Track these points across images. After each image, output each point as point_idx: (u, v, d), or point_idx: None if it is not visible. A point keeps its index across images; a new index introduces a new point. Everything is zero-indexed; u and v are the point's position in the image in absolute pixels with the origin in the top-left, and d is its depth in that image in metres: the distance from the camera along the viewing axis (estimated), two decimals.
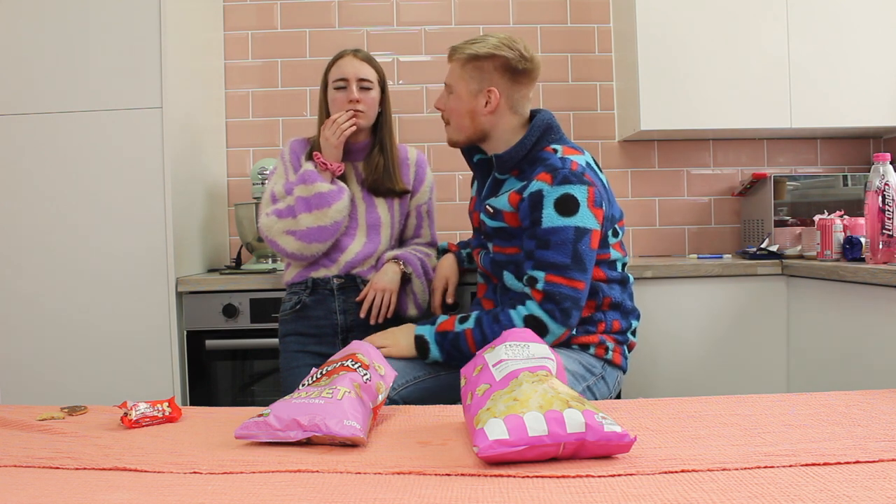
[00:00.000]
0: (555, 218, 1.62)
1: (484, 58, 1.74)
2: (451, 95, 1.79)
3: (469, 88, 1.76)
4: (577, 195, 1.63)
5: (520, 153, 1.73)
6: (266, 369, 2.36)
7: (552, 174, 1.65)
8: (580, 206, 1.63)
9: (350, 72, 1.98)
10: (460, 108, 1.78)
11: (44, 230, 2.24)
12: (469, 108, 1.77)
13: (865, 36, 2.54)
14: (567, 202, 1.63)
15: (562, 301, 1.62)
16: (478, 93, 1.75)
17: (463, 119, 1.79)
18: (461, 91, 1.77)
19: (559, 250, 1.61)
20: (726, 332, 2.31)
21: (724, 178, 2.90)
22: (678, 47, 2.55)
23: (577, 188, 1.63)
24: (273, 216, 1.95)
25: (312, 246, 1.94)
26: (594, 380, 1.71)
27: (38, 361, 2.24)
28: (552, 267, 1.62)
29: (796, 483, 0.94)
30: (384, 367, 1.35)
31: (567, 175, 1.64)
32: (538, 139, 1.73)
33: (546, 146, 1.74)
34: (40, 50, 2.23)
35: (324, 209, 1.92)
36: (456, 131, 1.82)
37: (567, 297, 1.62)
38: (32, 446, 1.22)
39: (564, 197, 1.63)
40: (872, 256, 1.97)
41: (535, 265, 1.64)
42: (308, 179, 1.93)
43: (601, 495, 0.91)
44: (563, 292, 1.61)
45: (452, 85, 1.78)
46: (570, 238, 1.61)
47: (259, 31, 2.87)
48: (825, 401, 1.40)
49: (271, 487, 0.97)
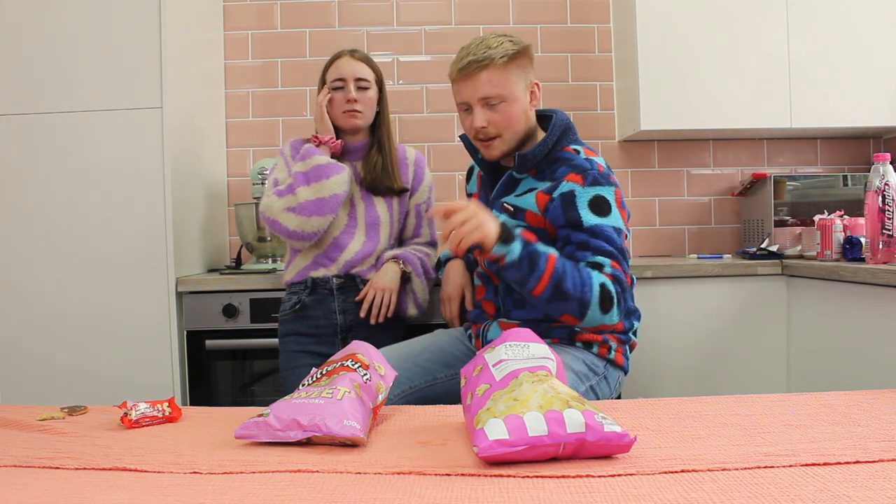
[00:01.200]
0: (593, 217, 1.61)
1: (520, 54, 1.68)
2: (500, 104, 1.67)
3: (519, 89, 1.69)
4: (607, 196, 1.63)
5: (542, 152, 1.71)
6: (266, 369, 2.36)
7: (583, 175, 1.63)
8: (612, 207, 1.63)
9: (347, 72, 1.99)
10: (517, 112, 1.69)
11: (44, 230, 2.24)
12: (523, 109, 1.70)
13: (865, 36, 2.54)
14: (600, 203, 1.62)
15: (626, 288, 1.61)
16: (525, 90, 1.70)
17: (519, 124, 1.71)
18: (516, 93, 1.68)
19: (611, 244, 1.60)
20: (726, 332, 2.31)
21: (724, 178, 2.90)
22: (678, 47, 2.55)
23: (607, 189, 1.63)
24: (273, 196, 1.96)
25: (312, 220, 1.92)
26: (597, 379, 1.71)
27: (38, 361, 2.24)
28: (611, 255, 1.59)
29: (796, 483, 0.94)
30: (384, 367, 1.34)
31: (597, 176, 1.63)
32: (559, 138, 1.72)
33: (566, 146, 1.72)
34: (40, 50, 2.23)
35: (322, 181, 1.92)
36: (510, 140, 1.71)
37: (626, 288, 1.61)
38: (32, 446, 1.21)
39: (597, 198, 1.62)
40: (872, 256, 1.97)
41: (596, 252, 1.59)
42: (307, 154, 1.96)
43: (601, 495, 0.91)
44: (624, 281, 1.60)
45: (503, 93, 1.66)
46: (614, 236, 1.61)
47: (259, 31, 2.87)
48: (825, 401, 1.40)
49: (271, 487, 0.97)
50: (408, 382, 1.75)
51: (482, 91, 1.67)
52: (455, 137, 2.86)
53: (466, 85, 1.68)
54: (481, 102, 1.68)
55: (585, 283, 1.54)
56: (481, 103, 1.68)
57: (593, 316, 1.56)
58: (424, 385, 1.77)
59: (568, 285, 1.53)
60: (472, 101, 1.69)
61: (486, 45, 1.66)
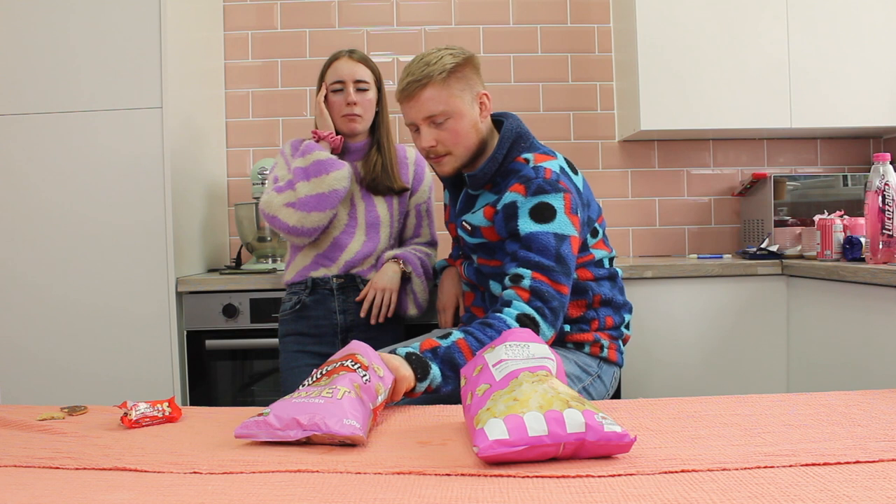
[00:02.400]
0: (532, 225, 1.58)
1: (460, 66, 1.64)
2: (446, 121, 1.64)
3: (465, 102, 1.65)
4: (553, 203, 1.59)
5: (492, 168, 1.68)
6: (266, 369, 2.36)
7: (525, 185, 1.60)
8: (557, 214, 1.59)
9: (346, 74, 1.98)
10: (464, 126, 1.65)
11: (43, 230, 2.24)
12: (472, 122, 1.67)
13: (865, 36, 2.54)
14: (543, 211, 1.58)
15: (550, 300, 1.55)
16: (472, 102, 1.66)
17: (469, 137, 1.67)
18: (461, 108, 1.64)
19: (542, 254, 1.56)
20: (726, 332, 2.31)
21: (724, 178, 2.90)
22: (678, 47, 2.55)
23: (553, 196, 1.59)
24: (273, 192, 1.96)
25: (312, 215, 1.91)
26: (590, 380, 1.71)
27: (38, 361, 2.24)
28: (538, 267, 1.56)
29: (796, 483, 0.94)
30: (383, 369, 1.34)
31: (541, 184, 1.59)
32: (509, 149, 1.68)
33: (517, 156, 1.68)
34: (40, 50, 2.23)
35: (322, 176, 1.92)
36: (461, 156, 1.69)
37: (554, 297, 1.56)
38: (32, 446, 1.21)
39: (540, 206, 1.58)
40: (872, 256, 1.97)
41: (520, 264, 1.57)
42: (307, 150, 1.96)
43: (601, 495, 0.91)
44: (550, 291, 1.55)
45: (447, 109, 1.63)
46: (551, 243, 1.57)
47: (259, 31, 2.87)
48: (825, 401, 1.40)
49: (271, 487, 0.97)
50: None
51: (425, 110, 1.64)
52: None
53: (411, 106, 1.66)
54: (427, 121, 1.66)
55: (501, 330, 1.48)
56: (427, 122, 1.66)
57: None
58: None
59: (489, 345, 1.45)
60: (417, 120, 1.67)
61: (424, 63, 1.64)
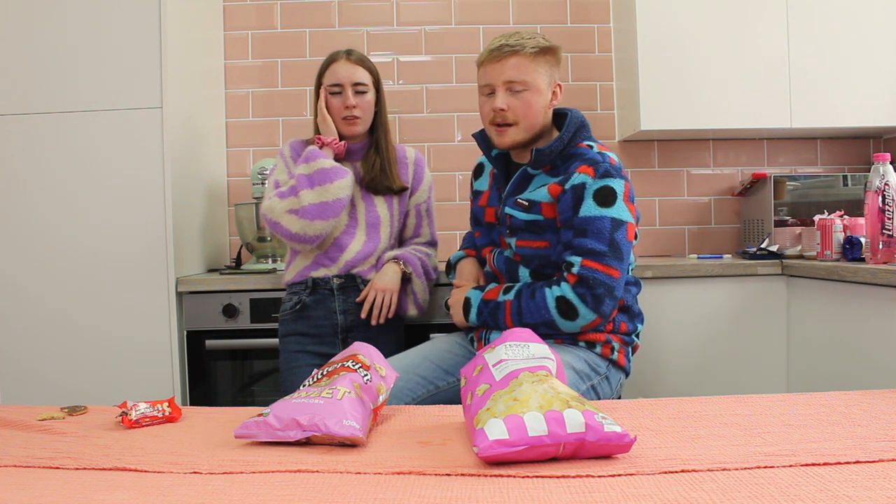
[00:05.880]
0: (592, 208, 1.65)
1: (550, 50, 1.73)
2: (524, 92, 1.70)
3: (544, 82, 1.72)
4: (615, 188, 1.66)
5: (558, 147, 1.73)
6: (266, 369, 2.36)
7: (594, 167, 1.67)
8: (617, 199, 1.66)
9: (344, 76, 1.98)
10: (538, 104, 1.72)
11: (43, 230, 2.24)
12: (544, 103, 1.73)
13: (865, 36, 2.54)
14: (606, 194, 1.65)
15: (595, 286, 1.62)
16: (548, 87, 1.74)
17: (538, 117, 1.73)
18: (540, 85, 1.71)
19: (596, 238, 1.64)
20: (726, 332, 2.31)
21: (724, 178, 2.90)
22: (678, 47, 2.55)
23: (616, 182, 1.67)
24: (275, 198, 1.95)
25: (315, 224, 1.92)
26: (599, 379, 1.72)
27: (38, 361, 2.24)
28: (589, 253, 1.64)
29: (796, 483, 0.94)
30: (385, 369, 1.34)
31: (608, 168, 1.67)
32: (574, 134, 1.74)
33: (580, 142, 1.75)
34: (40, 50, 2.23)
35: (326, 185, 1.91)
36: (524, 131, 1.74)
37: (601, 283, 1.63)
38: (32, 446, 1.21)
39: (604, 189, 1.65)
40: (872, 256, 1.97)
41: (573, 251, 1.66)
42: (311, 157, 1.95)
43: (601, 495, 0.91)
44: (597, 278, 1.62)
45: (528, 80, 1.70)
46: (607, 227, 1.64)
47: (259, 31, 2.87)
48: (825, 401, 1.40)
49: (271, 487, 0.97)
50: (410, 394, 1.75)
51: (508, 74, 1.70)
52: (455, 138, 2.86)
53: (494, 67, 1.71)
54: (505, 86, 1.71)
55: (541, 306, 1.66)
56: (505, 86, 1.71)
57: (566, 325, 1.66)
58: (426, 395, 1.77)
59: (527, 319, 1.67)
60: (496, 83, 1.72)
61: (519, 36, 1.71)
